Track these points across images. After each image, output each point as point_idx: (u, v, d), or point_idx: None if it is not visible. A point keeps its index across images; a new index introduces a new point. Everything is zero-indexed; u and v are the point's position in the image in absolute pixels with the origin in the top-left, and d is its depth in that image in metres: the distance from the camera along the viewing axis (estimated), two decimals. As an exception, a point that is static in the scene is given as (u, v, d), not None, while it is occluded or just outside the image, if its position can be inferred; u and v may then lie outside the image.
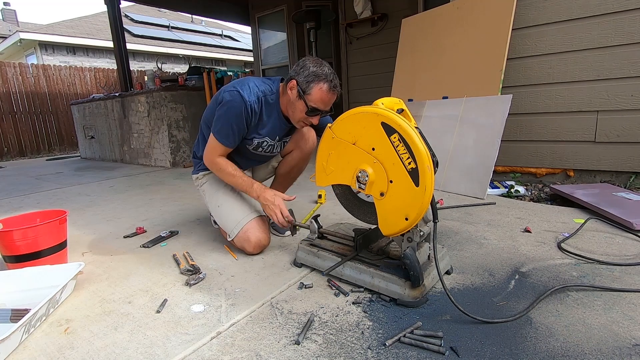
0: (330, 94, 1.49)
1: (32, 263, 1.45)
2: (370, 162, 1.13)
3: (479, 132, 2.47)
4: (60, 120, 8.14)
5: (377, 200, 1.15)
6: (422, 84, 3.11)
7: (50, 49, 10.14)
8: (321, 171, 1.28)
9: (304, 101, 1.50)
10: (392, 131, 1.06)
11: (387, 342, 0.96)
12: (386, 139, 1.08)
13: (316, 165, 1.30)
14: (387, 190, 1.11)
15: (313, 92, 1.48)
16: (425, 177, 1.03)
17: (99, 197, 2.98)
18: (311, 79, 1.47)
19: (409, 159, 1.04)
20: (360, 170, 1.15)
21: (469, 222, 1.90)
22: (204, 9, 6.64)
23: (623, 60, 2.30)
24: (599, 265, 1.35)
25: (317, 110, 1.51)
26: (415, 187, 1.04)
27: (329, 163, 1.24)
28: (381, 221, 1.16)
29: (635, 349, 0.90)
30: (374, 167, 1.12)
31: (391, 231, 1.15)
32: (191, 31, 14.39)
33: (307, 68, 1.48)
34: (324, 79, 1.47)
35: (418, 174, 1.03)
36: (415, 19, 3.33)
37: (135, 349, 1.00)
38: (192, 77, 4.78)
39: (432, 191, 1.05)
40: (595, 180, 2.51)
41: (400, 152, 1.06)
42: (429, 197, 1.05)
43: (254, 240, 1.58)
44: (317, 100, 1.49)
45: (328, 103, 1.52)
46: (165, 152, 4.48)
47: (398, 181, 1.08)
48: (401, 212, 1.09)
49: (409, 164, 1.04)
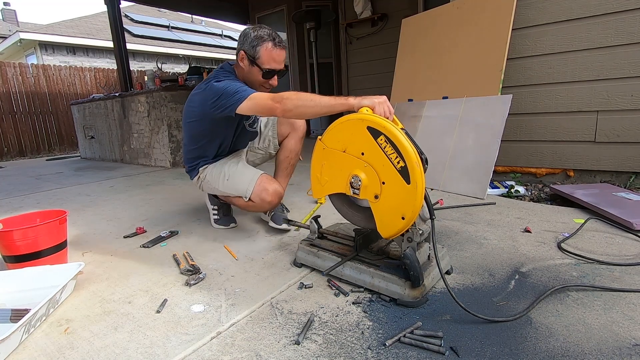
0: (278, 50, 1.57)
1: (32, 263, 1.44)
2: (361, 166, 1.15)
3: (479, 132, 2.47)
4: (60, 120, 8.13)
5: (373, 203, 1.16)
6: (422, 84, 3.11)
7: (50, 49, 10.14)
8: (316, 183, 1.31)
9: (257, 66, 1.56)
10: (378, 133, 1.10)
11: (387, 342, 0.96)
12: (373, 142, 1.11)
13: (311, 178, 1.32)
14: (380, 192, 1.13)
15: (261, 54, 1.55)
16: (415, 174, 1.05)
17: (99, 197, 2.98)
18: (255, 43, 1.55)
19: (398, 158, 1.07)
20: (353, 176, 1.17)
21: (469, 222, 1.90)
22: (203, 9, 6.65)
23: (623, 60, 2.29)
24: (599, 265, 1.35)
25: (272, 70, 1.58)
26: (407, 184, 1.06)
27: (323, 174, 1.27)
28: (379, 224, 1.17)
29: (635, 349, 0.90)
30: (366, 170, 1.15)
31: (390, 232, 1.15)
32: (191, 31, 14.39)
33: (248, 35, 1.57)
34: (267, 38, 1.54)
35: (408, 171, 1.06)
36: (415, 19, 3.33)
37: (135, 349, 1.00)
38: (192, 77, 4.77)
39: (423, 187, 1.07)
40: (595, 180, 2.51)
41: (388, 153, 1.08)
42: (421, 193, 1.06)
43: (271, 189, 1.66)
44: (267, 60, 1.56)
45: (278, 60, 1.58)
46: (165, 152, 4.48)
47: (390, 181, 1.10)
48: (397, 212, 1.10)
49: (398, 163, 1.07)
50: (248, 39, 1.56)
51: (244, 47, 1.57)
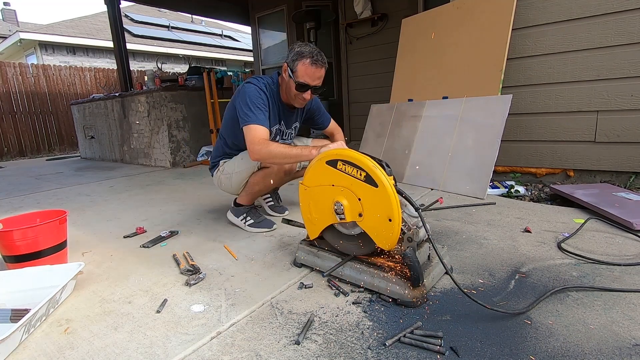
0: (313, 68, 1.67)
1: (32, 263, 1.45)
2: (338, 192, 1.24)
3: (478, 132, 2.47)
4: (60, 120, 8.14)
5: (361, 222, 1.22)
6: (422, 84, 3.11)
7: (50, 49, 10.14)
8: (310, 224, 1.39)
9: (293, 79, 1.69)
10: (335, 162, 1.22)
11: (387, 342, 0.96)
12: (335, 171, 1.23)
13: (304, 222, 1.41)
14: (362, 208, 1.20)
15: (298, 69, 1.68)
16: (378, 176, 1.12)
17: (99, 197, 2.98)
18: (295, 57, 1.68)
19: (359, 171, 1.17)
20: (335, 203, 1.24)
21: (469, 222, 1.90)
22: (204, 9, 6.64)
23: (623, 60, 2.30)
24: (599, 265, 1.35)
25: (305, 84, 1.69)
26: (376, 188, 1.13)
27: (312, 213, 1.36)
28: (376, 239, 1.20)
29: (635, 349, 0.90)
30: (343, 194, 1.23)
31: (390, 241, 1.17)
32: (191, 31, 14.38)
33: (293, 50, 1.69)
34: (307, 55, 1.66)
35: (371, 177, 1.14)
36: (415, 19, 3.33)
37: (135, 349, 1.00)
38: (192, 77, 4.78)
39: (391, 185, 1.13)
40: (595, 180, 2.51)
41: (349, 172, 1.19)
42: (392, 190, 1.13)
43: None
44: (302, 74, 1.68)
45: (313, 76, 1.69)
46: (165, 152, 4.48)
47: (364, 194, 1.18)
48: (383, 218, 1.15)
49: (361, 175, 1.16)
50: (292, 53, 1.70)
51: (287, 60, 1.72)
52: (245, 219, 1.93)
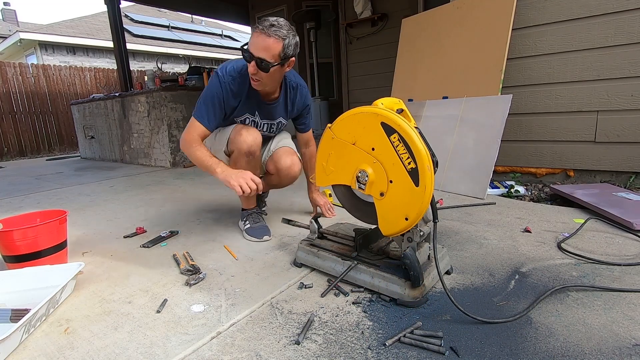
0: (257, 34, 1.49)
1: (32, 263, 1.44)
2: (370, 162, 1.13)
3: (479, 132, 2.47)
4: (60, 120, 8.14)
5: (377, 200, 1.15)
6: (422, 84, 3.11)
7: (50, 49, 10.14)
8: (321, 171, 1.28)
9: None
10: (392, 131, 1.06)
11: (387, 342, 0.96)
12: (386, 139, 1.08)
13: (316, 166, 1.30)
14: (387, 190, 1.11)
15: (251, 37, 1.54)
16: (425, 177, 1.03)
17: (99, 197, 2.98)
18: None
19: (409, 159, 1.04)
20: (360, 170, 1.15)
21: (469, 222, 1.90)
22: (204, 9, 6.65)
23: (623, 60, 2.30)
24: (599, 265, 1.35)
25: (248, 53, 1.52)
26: (415, 187, 1.04)
27: (329, 163, 1.24)
28: (381, 221, 1.16)
29: (635, 349, 0.90)
30: (374, 167, 1.12)
31: (391, 231, 1.15)
32: (191, 31, 14.39)
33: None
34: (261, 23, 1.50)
35: (418, 174, 1.03)
36: (415, 19, 3.33)
37: (135, 349, 1.00)
38: (192, 77, 4.78)
39: (432, 191, 1.05)
40: (595, 180, 2.51)
41: (400, 152, 1.05)
42: (428, 197, 1.05)
43: (244, 132, 1.68)
44: (250, 42, 1.53)
45: (257, 44, 1.49)
46: (165, 152, 4.48)
47: (398, 181, 1.08)
48: (401, 212, 1.09)
49: (409, 164, 1.04)
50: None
51: None
52: (245, 223, 1.91)
